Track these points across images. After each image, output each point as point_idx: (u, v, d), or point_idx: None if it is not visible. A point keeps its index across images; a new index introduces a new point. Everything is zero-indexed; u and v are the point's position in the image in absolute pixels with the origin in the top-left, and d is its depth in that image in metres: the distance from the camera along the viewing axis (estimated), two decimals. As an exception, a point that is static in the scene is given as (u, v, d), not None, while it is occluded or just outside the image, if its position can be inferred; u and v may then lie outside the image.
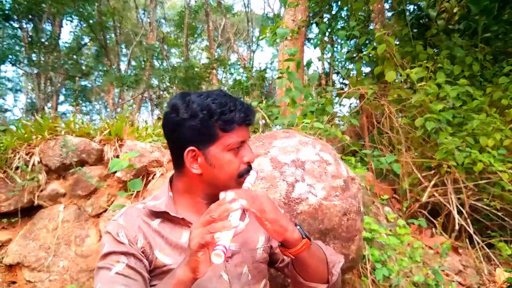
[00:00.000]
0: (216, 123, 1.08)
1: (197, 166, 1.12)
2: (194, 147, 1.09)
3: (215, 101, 1.08)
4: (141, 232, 1.10)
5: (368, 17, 5.59)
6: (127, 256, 1.05)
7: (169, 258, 1.10)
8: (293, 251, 1.08)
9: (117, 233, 1.08)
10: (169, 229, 1.14)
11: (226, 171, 1.12)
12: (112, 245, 1.07)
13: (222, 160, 1.11)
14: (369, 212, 3.20)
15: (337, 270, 1.24)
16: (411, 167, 3.89)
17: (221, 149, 1.10)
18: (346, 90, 5.06)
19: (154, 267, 1.09)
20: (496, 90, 4.14)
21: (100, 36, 14.41)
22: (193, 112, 1.08)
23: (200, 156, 1.11)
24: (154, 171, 2.65)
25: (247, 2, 25.71)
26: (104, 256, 1.06)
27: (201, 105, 1.08)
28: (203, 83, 11.53)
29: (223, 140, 1.09)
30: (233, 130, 1.09)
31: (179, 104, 1.10)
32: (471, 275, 3.10)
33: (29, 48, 12.93)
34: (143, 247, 1.09)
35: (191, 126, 1.08)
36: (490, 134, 3.64)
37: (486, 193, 3.58)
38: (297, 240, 1.06)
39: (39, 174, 2.64)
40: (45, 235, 2.53)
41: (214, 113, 1.07)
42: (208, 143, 1.09)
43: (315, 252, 1.17)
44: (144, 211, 1.15)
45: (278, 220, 1.03)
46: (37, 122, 2.83)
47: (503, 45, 5.05)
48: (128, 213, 1.15)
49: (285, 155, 2.03)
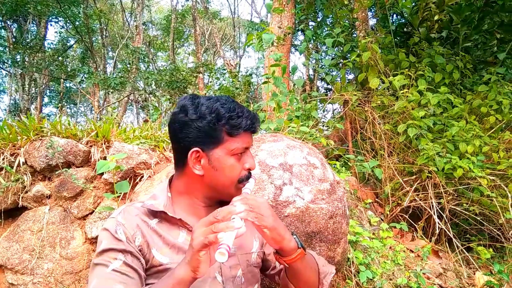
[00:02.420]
0: (223, 126, 1.10)
1: (199, 168, 1.14)
2: (198, 148, 1.12)
3: (224, 106, 1.11)
4: (139, 230, 1.11)
5: (353, 25, 5.69)
6: (124, 253, 1.06)
7: (166, 257, 1.11)
8: (287, 260, 1.10)
9: (116, 230, 1.09)
10: (167, 229, 1.15)
11: (227, 175, 1.14)
12: (110, 242, 1.07)
13: (225, 163, 1.13)
14: (353, 216, 3.26)
15: (327, 281, 1.27)
16: (393, 172, 3.96)
17: (225, 153, 1.12)
18: (331, 96, 5.14)
19: (150, 266, 1.10)
20: (475, 98, 4.25)
21: (86, 38, 14.27)
22: (202, 113, 1.10)
23: (203, 158, 1.13)
24: (142, 173, 2.65)
25: (234, 8, 25.79)
26: (101, 252, 1.06)
27: (210, 108, 1.10)
28: (189, 87, 11.51)
29: (228, 144, 1.12)
30: (238, 135, 1.12)
31: (188, 105, 1.12)
32: (451, 278, 3.17)
33: (14, 49, 12.72)
34: (140, 245, 1.09)
35: (198, 127, 1.10)
36: (470, 141, 3.73)
37: (465, 198, 3.66)
38: (292, 249, 1.09)
39: (24, 175, 2.61)
40: (29, 237, 2.50)
41: (222, 117, 1.10)
42: (213, 146, 1.12)
43: (308, 261, 1.20)
44: (142, 209, 1.17)
45: (277, 228, 1.05)
46: (22, 123, 2.80)
47: (482, 54, 5.18)
48: (127, 211, 1.16)
49: (273, 158, 2.06)
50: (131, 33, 16.47)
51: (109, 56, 19.10)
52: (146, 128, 3.43)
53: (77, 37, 15.31)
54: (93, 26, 15.23)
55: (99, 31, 16.05)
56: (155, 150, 2.89)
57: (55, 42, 17.32)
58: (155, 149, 2.90)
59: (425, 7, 4.83)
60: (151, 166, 2.71)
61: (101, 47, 16.63)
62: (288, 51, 6.65)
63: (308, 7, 6.68)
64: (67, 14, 13.02)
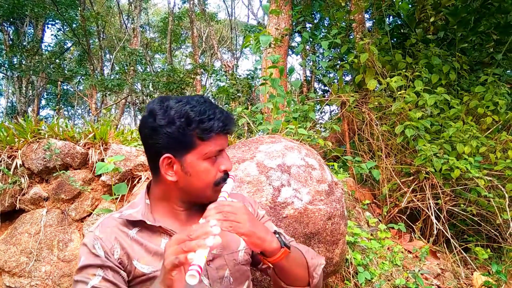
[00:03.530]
0: (193, 131, 1.05)
1: (172, 173, 1.10)
2: (170, 155, 1.08)
3: (194, 109, 1.06)
4: (117, 242, 1.09)
5: (350, 26, 5.70)
6: (103, 268, 1.04)
7: (149, 266, 1.09)
8: (271, 260, 1.08)
9: (93, 245, 1.07)
10: (148, 237, 1.13)
11: (202, 180, 1.11)
12: (88, 258, 1.06)
13: (198, 168, 1.10)
14: (351, 217, 3.27)
15: (318, 272, 1.25)
16: (391, 173, 3.97)
17: (197, 158, 1.09)
18: (328, 97, 5.15)
19: (133, 277, 1.09)
20: (472, 99, 4.27)
21: (83, 40, 14.26)
22: (171, 119, 1.05)
23: (176, 164, 1.09)
24: (140, 175, 2.65)
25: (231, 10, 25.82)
26: (80, 269, 1.05)
27: (179, 112, 1.06)
28: (187, 88, 11.51)
29: (200, 149, 1.08)
30: (210, 138, 1.07)
31: (156, 109, 1.08)
32: (449, 278, 3.18)
33: (10, 51, 12.70)
34: (120, 258, 1.08)
35: (167, 133, 1.05)
36: (467, 141, 3.75)
37: (462, 198, 3.68)
38: (275, 249, 1.06)
39: (21, 177, 2.60)
40: (27, 240, 2.49)
41: (192, 121, 1.05)
42: (185, 151, 1.08)
43: (294, 258, 1.17)
44: (120, 220, 1.14)
45: (255, 233, 1.01)
46: (20, 125, 2.80)
47: (479, 55, 5.20)
48: (104, 224, 1.13)
49: (271, 159, 2.06)
50: (128, 35, 16.47)
51: (106, 58, 19.09)
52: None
53: (74, 40, 15.31)
54: (90, 29, 15.21)
55: (96, 34, 16.04)
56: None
57: (52, 44, 17.34)
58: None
59: (422, 9, 4.85)
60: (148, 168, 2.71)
61: (98, 50, 16.62)
62: (286, 53, 6.66)
63: (305, 9, 6.71)
64: (64, 17, 13.03)
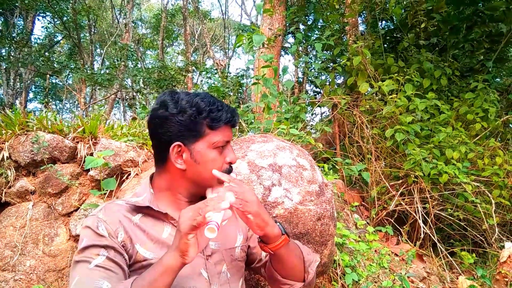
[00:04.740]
0: (204, 120, 1.11)
1: (181, 162, 1.13)
2: (180, 142, 1.11)
3: (203, 100, 1.12)
4: (121, 226, 1.10)
5: (343, 29, 5.72)
6: (107, 249, 1.04)
7: (150, 252, 1.10)
8: (272, 247, 1.12)
9: (97, 226, 1.07)
10: (151, 224, 1.14)
11: (209, 169, 1.13)
12: (92, 238, 1.05)
13: (207, 157, 1.13)
14: (340, 218, 3.28)
15: (313, 269, 1.28)
16: (380, 176, 4.00)
17: (206, 146, 1.13)
18: (320, 99, 5.16)
19: (134, 261, 1.09)
20: (462, 105, 4.32)
21: (74, 34, 14.09)
22: (182, 108, 1.10)
23: (185, 152, 1.12)
24: (129, 170, 2.62)
25: (224, 9, 25.79)
26: (82, 249, 1.04)
27: (190, 102, 1.11)
28: (178, 86, 11.44)
29: (209, 137, 1.12)
30: (219, 128, 1.13)
31: (168, 100, 1.12)
32: (435, 282, 3.21)
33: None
34: (123, 241, 1.08)
35: (179, 121, 1.10)
36: (456, 147, 3.79)
37: (450, 203, 3.72)
38: (276, 235, 1.11)
39: (7, 170, 2.56)
40: (12, 233, 2.45)
41: (203, 110, 1.10)
42: (195, 139, 1.12)
43: (293, 249, 1.21)
44: (125, 206, 1.15)
45: (261, 214, 1.07)
46: (7, 117, 2.75)
47: (470, 62, 5.27)
48: (108, 208, 1.14)
49: (262, 159, 2.06)
50: (120, 30, 16.32)
51: (97, 53, 18.89)
52: (134, 125, 3.39)
53: (65, 33, 15.11)
54: (82, 22, 15.05)
55: (87, 28, 15.87)
56: (143, 148, 2.86)
57: (42, 37, 17.11)
58: (142, 147, 2.87)
59: (415, 14, 4.89)
60: (138, 164, 2.68)
61: (89, 44, 16.44)
62: (279, 53, 6.66)
63: (299, 10, 6.72)
64: (55, 9, 12.84)
